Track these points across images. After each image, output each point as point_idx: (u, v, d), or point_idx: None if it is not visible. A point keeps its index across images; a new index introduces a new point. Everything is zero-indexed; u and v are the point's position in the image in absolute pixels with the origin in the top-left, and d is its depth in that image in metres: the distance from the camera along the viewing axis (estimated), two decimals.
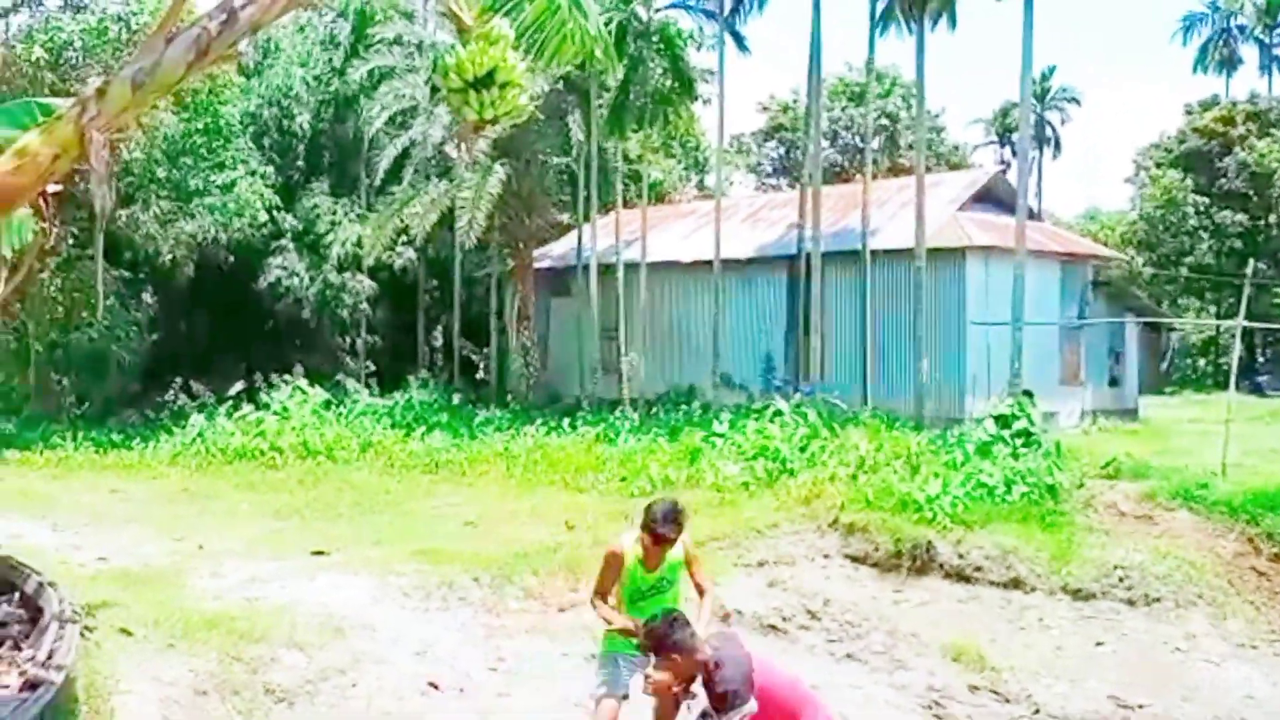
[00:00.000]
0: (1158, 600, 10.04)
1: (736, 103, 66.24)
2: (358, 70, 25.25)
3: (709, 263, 23.08)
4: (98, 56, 18.43)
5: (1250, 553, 10.77)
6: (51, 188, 5.17)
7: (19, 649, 6.11)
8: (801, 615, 9.53)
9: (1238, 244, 36.50)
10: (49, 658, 5.66)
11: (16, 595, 7.06)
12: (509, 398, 23.51)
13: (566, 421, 19.20)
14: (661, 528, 5.25)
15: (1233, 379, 16.00)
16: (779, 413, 15.61)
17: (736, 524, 11.54)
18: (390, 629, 8.52)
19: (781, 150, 48.31)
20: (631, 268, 23.97)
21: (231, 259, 24.01)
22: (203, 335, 25.47)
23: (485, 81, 4.59)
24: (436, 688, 7.67)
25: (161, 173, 20.91)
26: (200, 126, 21.12)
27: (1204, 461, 13.32)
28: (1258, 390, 31.29)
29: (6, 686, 5.43)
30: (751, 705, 4.41)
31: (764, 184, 47.97)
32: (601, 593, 5.47)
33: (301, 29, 26.74)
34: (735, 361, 23.30)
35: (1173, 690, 8.38)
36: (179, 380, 21.29)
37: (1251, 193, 36.85)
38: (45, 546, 10.54)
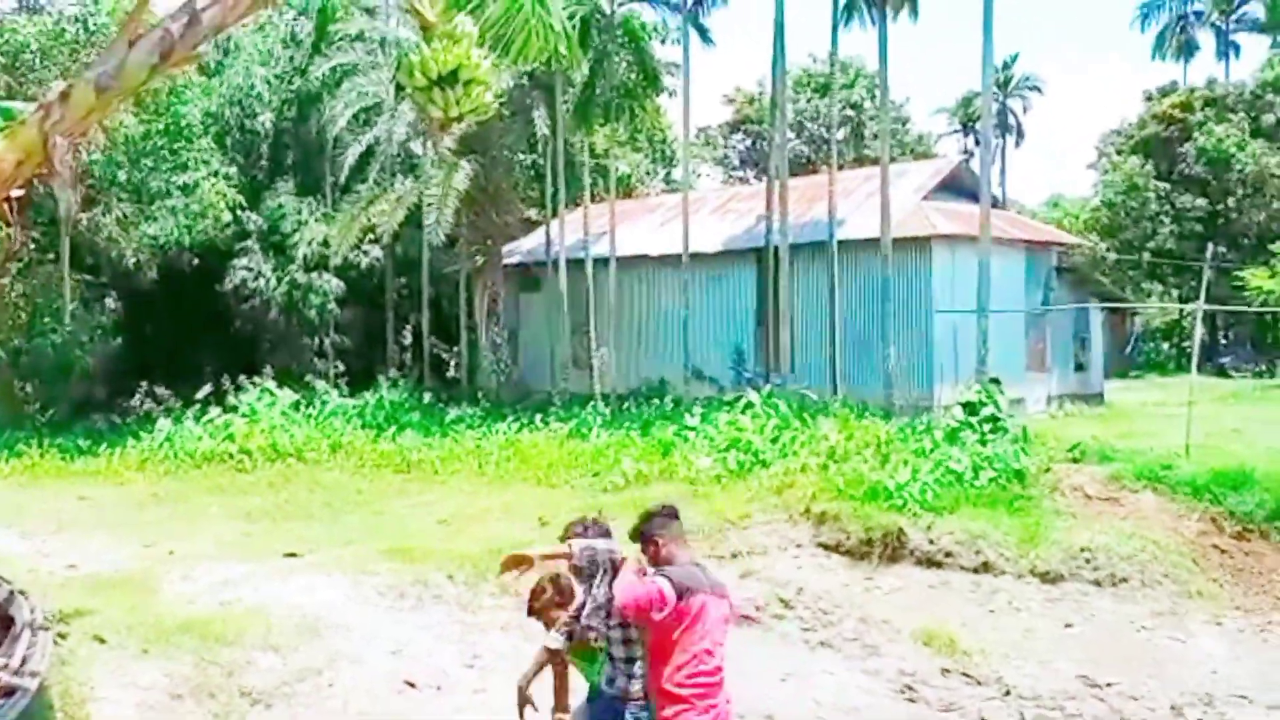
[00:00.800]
0: (1124, 580, 10.23)
1: (702, 95, 66.54)
2: (320, 68, 25.04)
3: (678, 256, 23.14)
4: (55, 59, 18.18)
5: (1213, 531, 11.00)
6: (14, 192, 5.13)
7: None
8: (775, 604, 9.62)
9: (1198, 228, 37.09)
10: (22, 665, 5.62)
11: None
12: (480, 395, 23.46)
13: (538, 418, 19.20)
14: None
15: (1194, 361, 16.32)
16: (750, 405, 15.71)
17: (710, 516, 11.60)
18: (365, 628, 8.51)
19: (748, 142, 48.49)
20: (601, 262, 23.99)
21: (196, 261, 23.77)
22: (168, 338, 25.18)
23: (450, 79, 4.60)
24: (413, 686, 7.69)
25: (123, 175, 20.68)
26: (161, 127, 20.90)
27: (1168, 443, 13.56)
28: (1221, 372, 31.86)
29: None
30: (615, 549, 4.48)
31: (731, 176, 48.12)
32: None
33: (262, 27, 26.46)
34: (706, 354, 23.40)
35: (1140, 668, 8.55)
36: (145, 384, 21.08)
37: (1210, 178, 37.45)
38: (14, 554, 10.44)
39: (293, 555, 10.66)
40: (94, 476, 16.67)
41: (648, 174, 38.68)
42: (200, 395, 19.13)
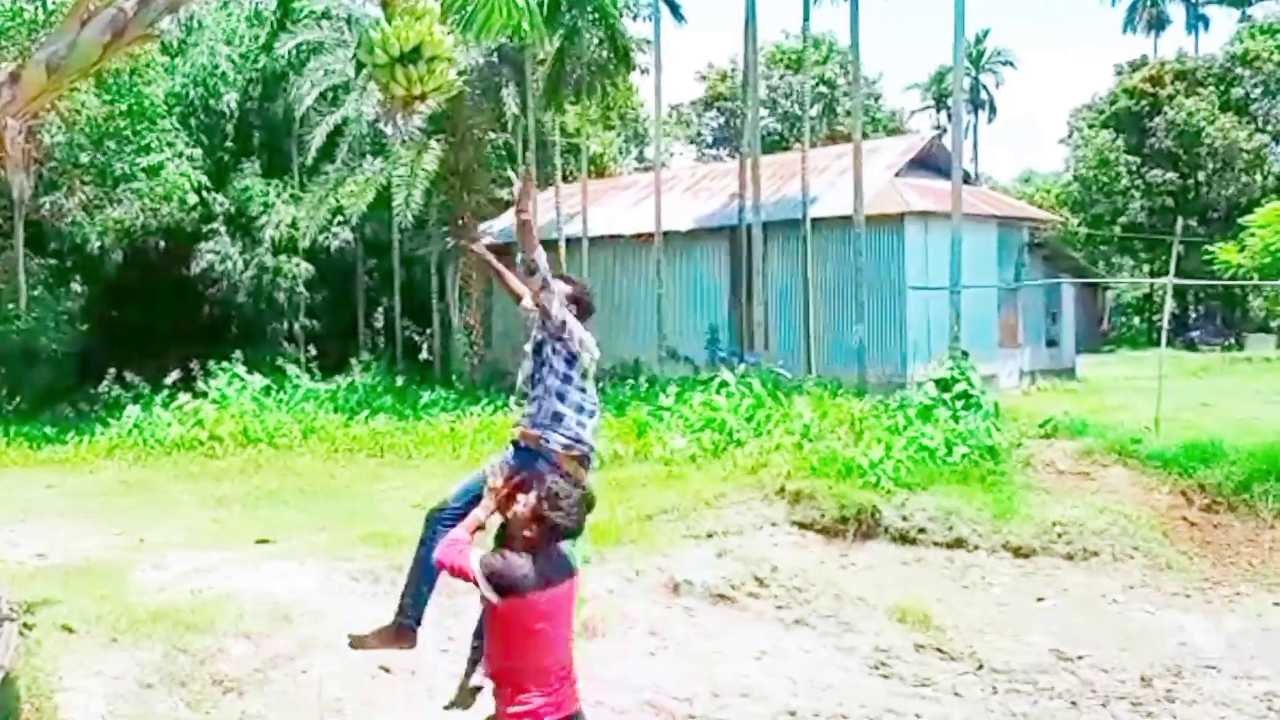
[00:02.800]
0: (1096, 554, 10.34)
1: (674, 72, 66.05)
2: (285, 46, 24.64)
3: (651, 235, 23.04)
4: (12, 39, 17.78)
5: (1183, 504, 11.16)
6: None
7: None
8: (750, 583, 9.62)
9: (1169, 202, 37.44)
10: None
11: None
12: (453, 378, 23.33)
13: (512, 400, 19.07)
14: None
15: (1164, 335, 16.45)
16: (724, 384, 15.71)
17: (685, 496, 11.60)
18: (339, 614, 8.42)
19: (721, 120, 48.36)
20: (573, 242, 23.86)
21: (162, 244, 23.42)
22: (136, 324, 24.83)
23: (412, 56, 4.52)
24: (388, 671, 7.63)
25: (85, 158, 20.29)
26: (124, 109, 20.48)
27: (1139, 417, 13.70)
28: (1191, 345, 32.22)
29: None
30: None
31: (704, 154, 48.02)
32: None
33: (225, 4, 26.02)
34: (680, 334, 23.36)
35: (1111, 641, 8.65)
36: (113, 371, 20.76)
37: (1181, 151, 37.77)
38: None
39: (265, 542, 10.55)
40: (62, 464, 16.43)
41: (620, 153, 38.50)
42: (169, 381, 18.89)
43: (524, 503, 4.18)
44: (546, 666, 4.06)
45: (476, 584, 4.08)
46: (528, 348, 4.76)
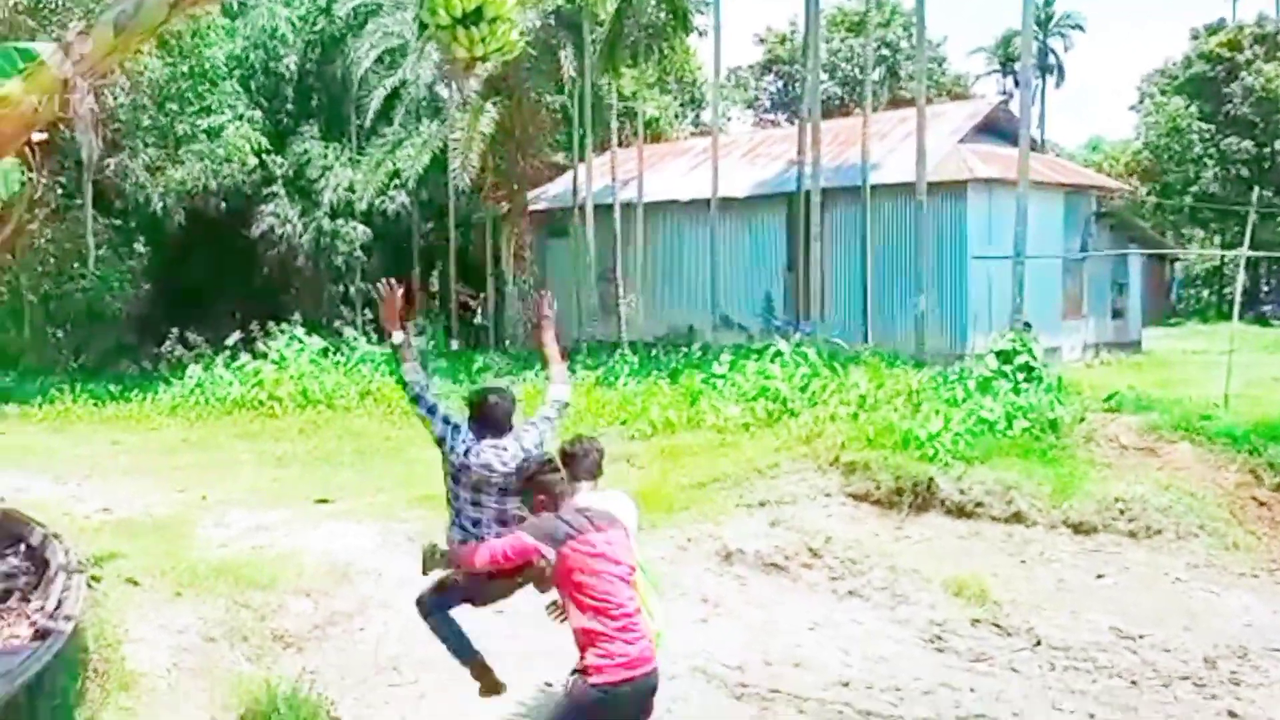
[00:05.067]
0: (1159, 532, 10.08)
1: (732, 35, 65.30)
2: (344, 7, 24.73)
3: (706, 201, 22.84)
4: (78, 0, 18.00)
5: (1252, 483, 10.81)
6: (37, 136, 5.06)
7: (27, 601, 6.14)
8: (804, 554, 9.56)
9: (1244, 171, 36.18)
10: (57, 608, 5.68)
11: (22, 548, 7.06)
12: (506, 342, 23.44)
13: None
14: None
15: (1236, 309, 15.94)
16: (779, 353, 15.55)
17: (738, 464, 11.54)
18: (395, 574, 8.53)
19: (779, 84, 47.66)
20: (628, 208, 23.74)
21: (223, 206, 23.75)
22: (197, 284, 25.28)
23: (474, 17, 4.46)
24: None
25: (147, 119, 20.61)
26: (185, 70, 20.76)
27: (1207, 393, 13.30)
28: (1262, 320, 31.27)
29: (18, 637, 5.47)
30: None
31: (762, 119, 47.40)
32: None
33: None
34: (734, 301, 23.20)
35: (1173, 620, 8.45)
36: (175, 330, 21.18)
37: (1258, 119, 36.43)
38: (48, 499, 10.54)
39: (324, 501, 10.73)
40: (125, 422, 16.84)
41: (676, 117, 38.14)
42: (229, 341, 19.22)
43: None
44: (617, 611, 4.37)
45: (531, 554, 4.48)
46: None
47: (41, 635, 5.32)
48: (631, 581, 4.54)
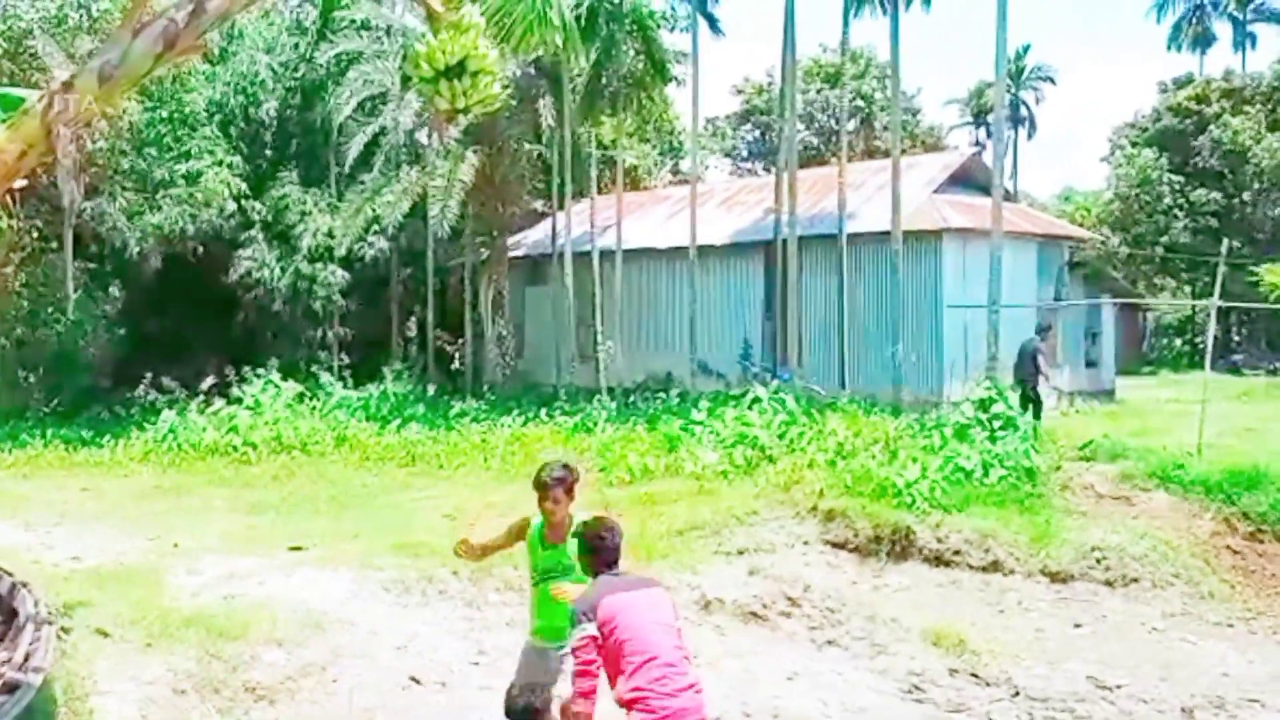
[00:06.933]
0: (1135, 581, 10.14)
1: (711, 85, 66.20)
2: (325, 55, 24.89)
3: (685, 249, 23.00)
4: (59, 43, 18.06)
5: (1226, 531, 10.91)
6: (18, 183, 5.06)
7: None
8: (782, 602, 9.54)
9: (1213, 222, 36.73)
10: (25, 660, 5.57)
11: None
12: (485, 388, 23.36)
13: (543, 411, 19.10)
14: (551, 479, 5.58)
15: (1208, 358, 16.17)
16: (757, 399, 15.60)
17: (716, 512, 11.52)
18: (370, 624, 8.45)
19: (756, 133, 48.27)
20: (607, 255, 23.87)
21: (200, 250, 23.64)
22: (172, 329, 25.09)
23: (457, 70, 4.52)
24: (418, 682, 7.63)
25: (126, 163, 20.56)
26: (165, 115, 20.78)
27: (1181, 441, 13.43)
28: (1234, 369, 31.60)
29: None
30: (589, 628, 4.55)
31: (739, 168, 47.96)
32: (483, 546, 5.95)
33: (266, 14, 26.30)
34: (712, 348, 23.27)
35: (1150, 670, 8.47)
36: (149, 375, 20.98)
37: (1226, 170, 37.10)
38: (17, 546, 10.39)
39: (298, 549, 10.60)
40: (97, 468, 16.63)
41: (655, 165, 38.52)
42: (204, 386, 19.06)
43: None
44: (660, 672, 4.37)
45: (591, 645, 4.47)
46: None
47: (10, 689, 5.20)
48: (677, 630, 4.60)
